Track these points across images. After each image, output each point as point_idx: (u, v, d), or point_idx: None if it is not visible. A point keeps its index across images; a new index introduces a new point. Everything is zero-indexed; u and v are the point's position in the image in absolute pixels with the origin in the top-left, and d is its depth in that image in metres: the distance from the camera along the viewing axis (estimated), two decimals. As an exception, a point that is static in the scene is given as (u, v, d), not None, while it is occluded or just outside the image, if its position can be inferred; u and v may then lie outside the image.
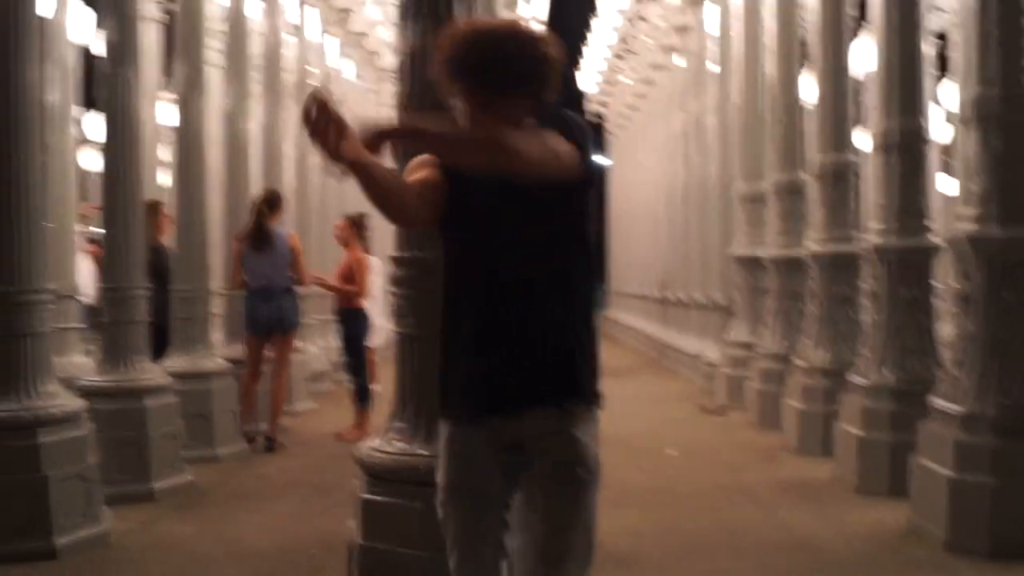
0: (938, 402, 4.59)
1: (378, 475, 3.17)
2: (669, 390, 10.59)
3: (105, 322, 5.65)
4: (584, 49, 20.26)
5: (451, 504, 2.30)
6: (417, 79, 3.48)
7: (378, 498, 3.14)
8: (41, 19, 5.38)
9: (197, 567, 4.29)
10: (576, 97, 23.22)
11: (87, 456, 4.59)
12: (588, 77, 21.47)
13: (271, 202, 7.17)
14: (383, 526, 3.04)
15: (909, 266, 5.47)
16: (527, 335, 2.21)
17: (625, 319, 19.65)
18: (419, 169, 2.28)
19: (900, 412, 5.26)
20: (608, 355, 15.66)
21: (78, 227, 9.83)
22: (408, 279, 3.41)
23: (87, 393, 5.17)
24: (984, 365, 4.37)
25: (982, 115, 4.34)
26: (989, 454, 4.25)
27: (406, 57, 3.53)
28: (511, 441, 2.25)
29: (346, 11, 12.06)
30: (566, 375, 2.25)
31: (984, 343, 4.38)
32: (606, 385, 2.25)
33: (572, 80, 22.79)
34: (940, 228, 5.78)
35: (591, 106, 22.88)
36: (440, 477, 2.31)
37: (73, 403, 4.62)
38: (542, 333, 2.22)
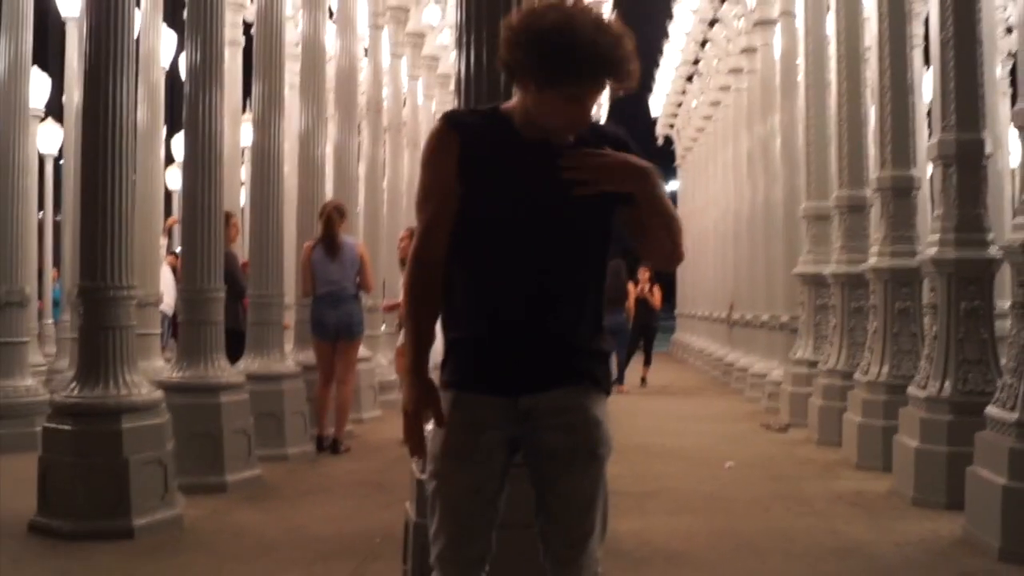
0: (994, 411, 4.59)
1: (431, 457, 3.35)
2: (733, 409, 10.57)
3: (183, 322, 5.98)
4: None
5: (447, 474, 2.25)
6: (473, 93, 3.64)
7: (431, 478, 3.32)
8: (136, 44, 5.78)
9: (263, 549, 4.52)
10: (649, 121, 23.41)
11: (165, 443, 4.90)
12: (657, 99, 21.60)
13: (341, 210, 7.46)
14: (436, 504, 3.21)
15: (968, 278, 5.45)
16: (553, 323, 2.25)
17: (692, 341, 19.61)
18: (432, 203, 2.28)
19: (958, 423, 5.24)
20: (674, 376, 15.72)
21: (162, 240, 10.37)
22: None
23: (166, 388, 5.48)
24: (1039, 373, 4.37)
25: (1036, 124, 4.37)
26: (1044, 462, 4.25)
27: (464, 72, 3.68)
28: (523, 412, 2.25)
29: (418, 35, 12.43)
30: (581, 360, 2.30)
31: (1039, 351, 4.38)
32: (671, 404, 2.30)
33: (646, 104, 22.97)
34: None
35: (661, 128, 23.02)
36: (437, 446, 2.25)
37: (153, 393, 4.95)
38: (565, 322, 2.27)
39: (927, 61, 7.51)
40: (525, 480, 2.37)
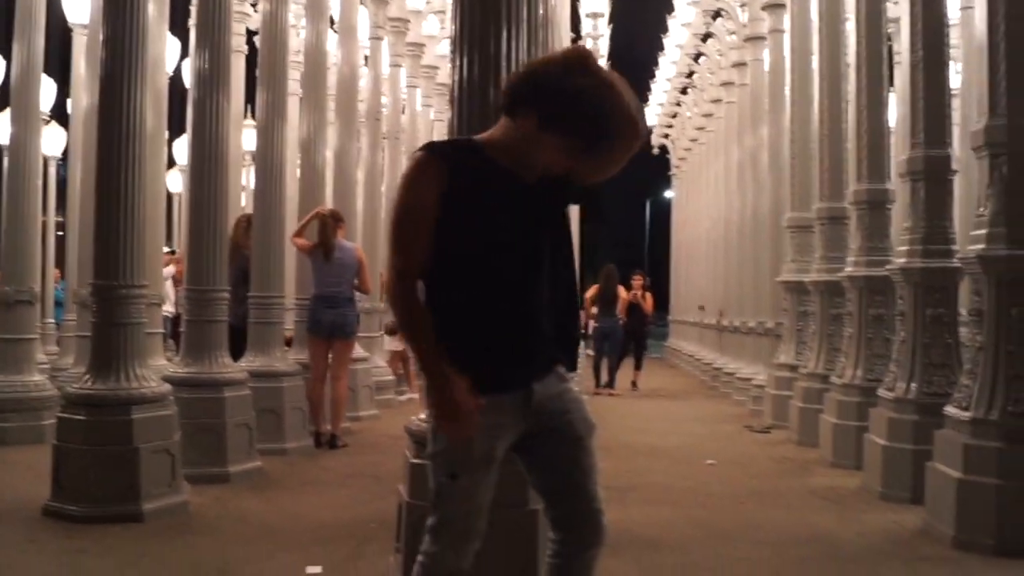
0: (951, 410, 4.90)
1: (423, 442, 3.62)
2: (719, 411, 10.88)
3: (189, 320, 6.27)
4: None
5: (477, 479, 2.49)
6: (466, 107, 3.86)
7: (423, 462, 3.60)
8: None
9: (265, 532, 4.81)
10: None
11: (172, 433, 5.19)
12: (653, 110, 21.92)
13: (336, 216, 7.79)
14: (426, 486, 3.48)
15: (933, 287, 5.76)
16: (538, 315, 2.55)
17: (683, 347, 19.92)
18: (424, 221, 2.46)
19: (923, 422, 5.53)
20: (665, 380, 16.03)
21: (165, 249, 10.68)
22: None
23: (172, 383, 5.75)
24: (993, 374, 4.67)
25: (991, 143, 4.68)
26: (995, 456, 4.54)
27: (456, 89, 3.90)
28: (535, 403, 2.53)
29: (417, 46, 12.74)
30: (562, 347, 2.63)
31: (993, 354, 4.69)
32: (659, 406, 2.54)
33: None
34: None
35: (656, 138, 23.36)
36: (463, 453, 2.47)
37: (162, 386, 5.24)
38: (544, 315, 2.57)
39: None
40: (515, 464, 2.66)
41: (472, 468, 2.51)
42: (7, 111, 8.47)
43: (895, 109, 8.57)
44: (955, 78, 8.64)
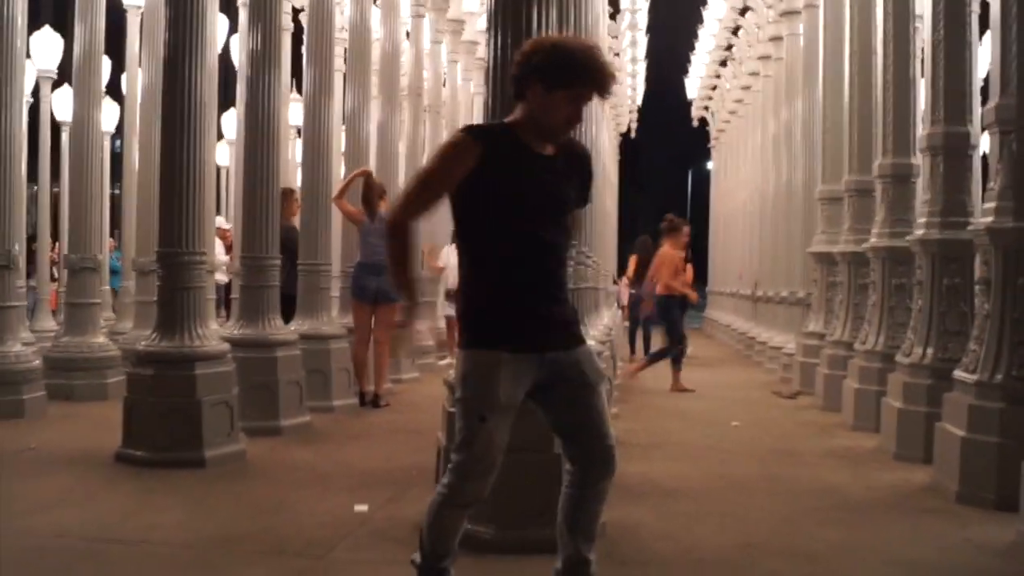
0: (959, 374, 5.17)
1: (459, 393, 4.02)
2: (750, 378, 11.17)
3: (244, 285, 6.71)
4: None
5: (498, 421, 2.87)
6: (500, 84, 4.14)
7: (459, 411, 4.00)
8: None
9: (315, 478, 5.25)
10: (685, 103, 23.85)
11: (231, 388, 5.65)
12: (693, 83, 21.99)
13: (382, 191, 8.19)
14: (463, 432, 3.88)
15: (950, 257, 5.99)
16: (556, 283, 3.04)
17: (720, 317, 20.14)
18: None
19: (936, 386, 5.77)
20: (699, 349, 16.22)
21: (218, 218, 11.17)
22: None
23: (229, 343, 6.20)
24: (998, 340, 4.94)
25: (1001, 121, 4.90)
26: (998, 416, 4.82)
27: (491, 65, 4.18)
28: (548, 361, 2.97)
29: (458, 22, 13.04)
30: (577, 326, 3.15)
31: (999, 321, 4.95)
32: (691, 374, 2.93)
33: (682, 87, 23.41)
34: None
35: (696, 111, 23.43)
36: (489, 397, 2.86)
37: (222, 344, 5.69)
38: (562, 289, 3.08)
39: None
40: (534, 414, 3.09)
41: (499, 411, 2.92)
42: (66, 88, 8.88)
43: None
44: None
